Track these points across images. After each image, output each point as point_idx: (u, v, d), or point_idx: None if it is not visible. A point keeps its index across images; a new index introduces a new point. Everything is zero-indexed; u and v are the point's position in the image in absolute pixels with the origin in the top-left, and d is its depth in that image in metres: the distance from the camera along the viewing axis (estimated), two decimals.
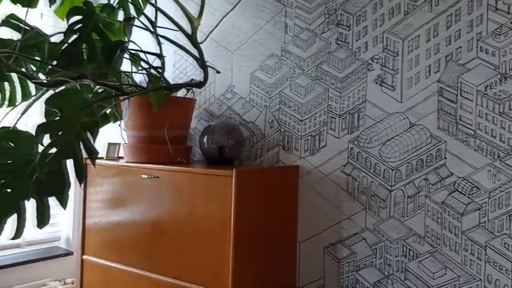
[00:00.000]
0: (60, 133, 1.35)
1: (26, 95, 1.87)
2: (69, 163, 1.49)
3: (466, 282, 1.59)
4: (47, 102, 1.38)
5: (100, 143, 2.78)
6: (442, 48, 1.64)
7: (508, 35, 1.52)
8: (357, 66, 1.83)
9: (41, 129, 1.31)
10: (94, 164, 1.50)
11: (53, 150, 1.41)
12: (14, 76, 1.87)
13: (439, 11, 1.65)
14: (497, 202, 1.53)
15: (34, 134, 1.45)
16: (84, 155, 1.54)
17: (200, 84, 1.91)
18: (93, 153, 1.50)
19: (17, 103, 1.91)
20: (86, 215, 2.17)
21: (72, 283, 2.63)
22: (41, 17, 2.55)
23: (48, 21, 2.55)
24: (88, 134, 1.54)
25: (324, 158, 1.90)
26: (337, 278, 1.87)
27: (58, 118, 1.37)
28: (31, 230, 2.67)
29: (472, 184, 1.58)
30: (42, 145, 1.44)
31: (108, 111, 2.11)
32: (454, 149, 1.62)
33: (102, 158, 2.20)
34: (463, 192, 1.60)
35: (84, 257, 2.16)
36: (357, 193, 1.82)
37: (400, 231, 1.73)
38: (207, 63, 1.92)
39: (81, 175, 1.47)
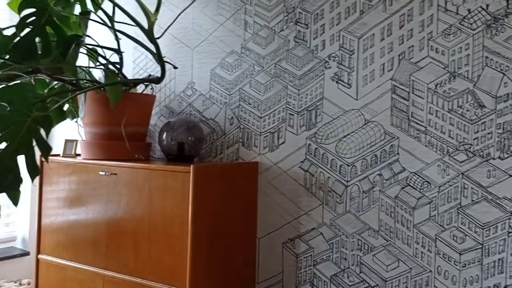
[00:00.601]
0: (10, 127, 1.31)
1: None
2: (22, 160, 1.47)
3: (418, 274, 1.64)
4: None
5: (58, 140, 2.73)
6: (395, 47, 1.69)
7: (457, 35, 1.58)
8: (315, 63, 1.86)
9: None
10: (47, 160, 1.47)
11: (4, 145, 1.37)
12: None
13: (393, 11, 1.69)
14: (446, 196, 1.59)
15: None
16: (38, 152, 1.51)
17: (157, 80, 1.90)
18: (46, 149, 1.47)
19: None
20: (42, 214, 2.12)
21: (28, 284, 2.56)
22: None
23: (3, 15, 2.48)
24: (42, 130, 1.51)
25: (283, 154, 1.93)
26: (295, 273, 1.89)
27: (7, 112, 1.33)
28: None
29: (423, 179, 1.63)
30: None
31: (65, 108, 2.09)
32: (407, 145, 1.67)
33: (59, 155, 2.16)
34: (415, 187, 1.65)
35: (40, 256, 2.11)
36: (315, 189, 1.85)
37: (355, 225, 1.77)
38: (164, 58, 1.90)
39: (33, 172, 1.43)
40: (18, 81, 1.62)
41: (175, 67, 2.01)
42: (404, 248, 1.67)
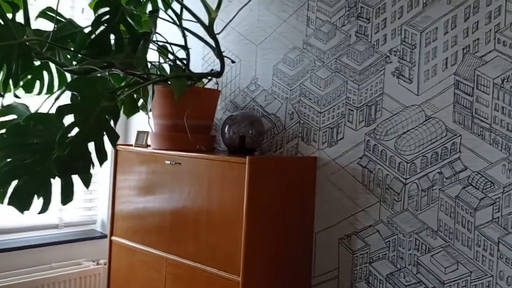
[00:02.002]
0: (80, 115, 1.45)
1: (63, 83, 2.01)
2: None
3: (478, 278, 1.56)
4: (68, 86, 1.49)
5: (133, 131, 2.92)
6: (459, 40, 1.62)
7: None
8: (376, 58, 1.83)
9: (61, 111, 1.42)
10: (114, 147, 1.60)
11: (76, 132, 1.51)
12: (52, 66, 2.02)
13: (457, 3, 1.62)
14: (511, 198, 1.50)
15: None
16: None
17: (217, 74, 1.97)
18: (113, 137, 1.60)
19: (54, 91, 2.05)
20: (116, 201, 2.30)
21: (105, 264, 2.77)
22: (82, 12, 2.71)
23: (88, 16, 2.71)
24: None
25: (341, 150, 1.92)
26: (351, 269, 1.88)
27: (78, 101, 1.47)
28: (70, 213, 2.86)
29: (486, 178, 1.55)
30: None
31: (139, 103, 2.25)
32: (469, 142, 1.59)
33: (131, 145, 2.32)
34: (477, 187, 1.57)
35: (113, 238, 2.29)
36: (372, 186, 1.82)
37: (413, 224, 1.72)
38: (224, 53, 1.97)
39: (102, 158, 1.57)
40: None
41: (233, 62, 2.07)
42: (464, 250, 1.60)
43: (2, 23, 1.50)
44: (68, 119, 1.53)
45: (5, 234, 2.54)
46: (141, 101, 2.28)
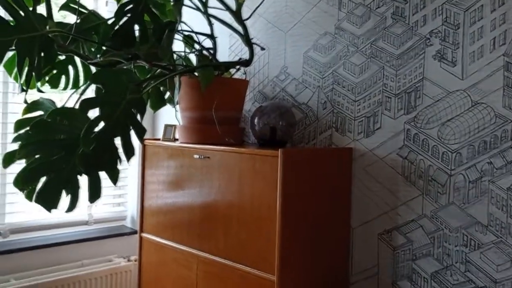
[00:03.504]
0: (104, 108, 1.39)
1: (88, 77, 1.96)
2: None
3: None
4: (92, 78, 1.43)
5: (161, 125, 2.87)
6: (509, 18, 1.48)
7: None
8: (415, 41, 1.70)
9: (84, 104, 1.36)
10: (141, 142, 1.53)
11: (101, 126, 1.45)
12: (77, 60, 1.97)
13: None
14: None
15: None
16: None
17: (246, 63, 1.88)
18: (140, 131, 1.53)
19: (80, 85, 2.01)
20: (145, 196, 2.25)
21: (135, 261, 2.74)
22: (106, 5, 2.66)
23: (112, 8, 2.66)
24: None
25: (379, 140, 1.80)
26: (392, 267, 1.77)
27: (102, 94, 1.41)
28: (99, 209, 2.83)
29: None
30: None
31: (166, 96, 2.18)
32: None
33: (159, 139, 2.26)
34: None
35: (143, 234, 2.24)
36: (414, 178, 1.71)
37: (460, 219, 1.59)
38: (252, 40, 1.88)
39: (129, 153, 1.50)
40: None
41: (262, 49, 1.98)
42: None
43: (23, 14, 1.45)
44: (94, 114, 1.48)
45: (36, 231, 2.53)
46: (167, 94, 2.21)
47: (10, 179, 2.12)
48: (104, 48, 1.81)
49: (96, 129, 1.48)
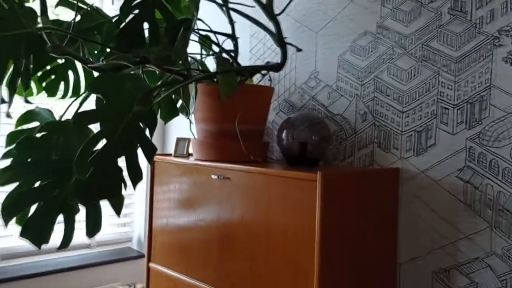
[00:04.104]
0: (105, 124, 1.11)
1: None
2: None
3: None
4: (90, 86, 1.15)
5: (172, 138, 2.60)
6: None
7: None
8: (479, 41, 1.41)
9: (80, 118, 1.08)
10: (150, 162, 1.25)
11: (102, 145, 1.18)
12: (79, 65, 1.71)
13: None
14: None
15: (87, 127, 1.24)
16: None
17: (277, 67, 1.60)
18: (149, 150, 1.25)
19: (81, 93, 1.74)
20: (154, 219, 1.97)
21: None
22: (112, 3, 2.39)
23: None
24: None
25: (434, 159, 1.51)
26: None
27: (103, 105, 1.13)
28: (102, 230, 2.55)
29: None
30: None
31: (178, 104, 1.91)
32: None
33: (171, 155, 1.99)
34: None
35: (151, 265, 1.95)
36: (480, 206, 1.41)
37: None
38: (286, 39, 1.59)
39: (136, 177, 1.22)
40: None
41: (298, 50, 1.69)
42: None
43: (7, 7, 1.18)
44: (97, 127, 1.20)
45: (30, 256, 2.25)
46: (180, 102, 1.94)
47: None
48: (108, 50, 1.54)
49: (97, 147, 1.21)
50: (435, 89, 1.51)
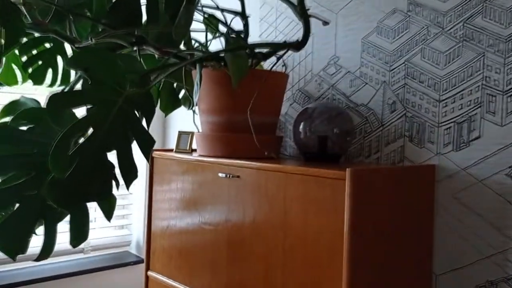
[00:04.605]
0: (92, 110, 0.90)
1: None
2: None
3: None
4: (69, 60, 0.94)
5: (174, 132, 2.39)
6: None
7: None
8: None
9: (55, 101, 0.86)
10: (147, 158, 1.05)
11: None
12: (68, 49, 1.50)
13: None
14: None
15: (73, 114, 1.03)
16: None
17: (298, 45, 1.38)
18: (146, 143, 1.04)
19: (71, 81, 1.54)
20: (153, 223, 1.76)
21: None
22: None
23: None
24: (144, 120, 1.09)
25: (478, 155, 1.30)
26: None
27: (88, 86, 0.92)
28: (97, 233, 2.35)
29: None
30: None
31: (181, 95, 1.71)
32: None
33: (172, 150, 1.78)
34: None
35: (150, 273, 1.75)
36: None
37: None
38: (309, 11, 1.37)
39: (130, 175, 1.01)
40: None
41: (325, 23, 1.46)
42: None
43: None
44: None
45: (19, 262, 2.04)
46: (183, 92, 1.74)
47: None
48: (100, 27, 1.34)
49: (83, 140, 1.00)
50: (480, 73, 1.29)
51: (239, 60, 1.26)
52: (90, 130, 0.96)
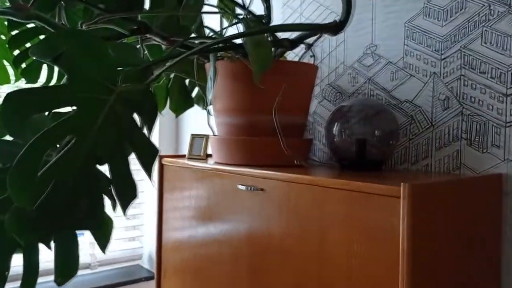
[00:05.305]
0: (74, 112, 0.68)
1: None
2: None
3: None
4: (32, 47, 0.72)
5: (185, 135, 2.18)
6: None
7: None
8: None
9: (15, 102, 0.63)
10: (149, 174, 0.82)
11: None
12: None
13: None
14: None
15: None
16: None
17: (336, 27, 1.14)
18: (147, 153, 0.82)
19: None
20: (164, 237, 1.55)
21: None
22: None
23: None
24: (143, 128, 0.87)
25: None
26: None
27: (66, 83, 0.70)
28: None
29: None
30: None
31: (194, 94, 1.49)
32: None
33: (184, 156, 1.57)
34: None
35: None
36: None
37: None
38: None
39: (126, 194, 0.79)
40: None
41: None
42: None
43: None
44: None
45: (17, 281, 1.85)
46: (196, 90, 1.52)
47: None
48: (96, 13, 1.12)
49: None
50: None
51: (262, 50, 1.02)
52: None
